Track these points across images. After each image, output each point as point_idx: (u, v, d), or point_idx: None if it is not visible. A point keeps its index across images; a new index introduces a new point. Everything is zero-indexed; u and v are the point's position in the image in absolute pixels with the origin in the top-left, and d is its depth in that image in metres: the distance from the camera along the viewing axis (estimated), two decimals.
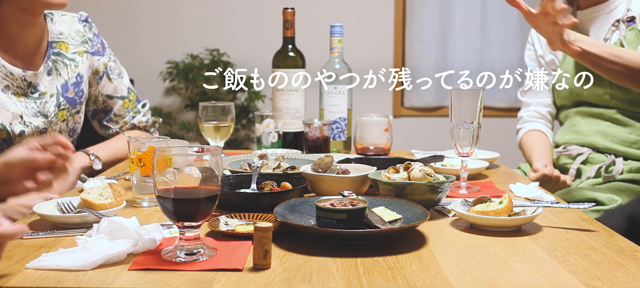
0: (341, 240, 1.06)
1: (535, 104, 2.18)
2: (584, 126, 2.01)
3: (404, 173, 1.31)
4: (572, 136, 2.04)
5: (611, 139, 1.95)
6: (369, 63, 4.33)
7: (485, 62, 4.44)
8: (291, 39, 1.96)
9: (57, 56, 1.74)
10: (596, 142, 1.97)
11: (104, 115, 1.92)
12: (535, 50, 2.18)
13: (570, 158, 2.01)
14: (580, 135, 2.01)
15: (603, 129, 1.96)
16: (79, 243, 1.01)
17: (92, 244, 0.98)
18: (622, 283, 0.90)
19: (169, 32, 4.36)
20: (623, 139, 1.94)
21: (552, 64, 2.13)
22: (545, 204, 1.27)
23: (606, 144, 1.95)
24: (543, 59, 2.15)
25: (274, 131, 1.88)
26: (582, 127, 2.01)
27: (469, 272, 0.94)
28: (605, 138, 1.96)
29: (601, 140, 1.96)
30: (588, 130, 1.99)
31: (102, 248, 0.96)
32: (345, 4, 4.35)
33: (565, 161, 2.02)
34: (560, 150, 2.04)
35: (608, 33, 1.96)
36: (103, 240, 0.99)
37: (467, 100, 1.45)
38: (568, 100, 2.07)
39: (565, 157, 2.03)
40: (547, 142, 2.10)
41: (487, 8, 4.40)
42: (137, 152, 1.33)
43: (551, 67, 2.14)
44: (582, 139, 2.00)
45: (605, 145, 1.95)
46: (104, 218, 1.04)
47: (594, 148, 1.99)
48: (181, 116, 4.31)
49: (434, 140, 3.96)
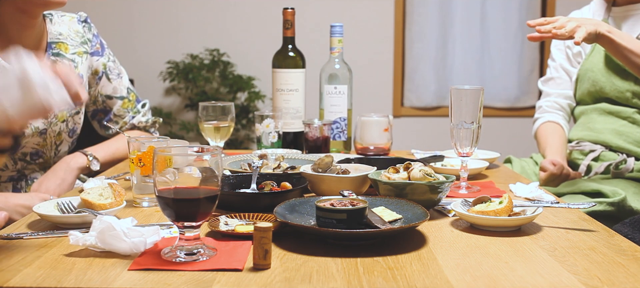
0: (341, 240, 1.06)
1: (555, 94, 2.17)
2: (599, 124, 2.01)
3: (404, 173, 1.31)
4: (586, 133, 2.03)
5: (625, 138, 1.95)
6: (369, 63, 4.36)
7: (485, 62, 4.44)
8: (291, 39, 1.95)
9: (57, 57, 1.74)
10: (609, 140, 1.97)
11: (103, 115, 1.92)
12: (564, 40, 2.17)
13: (582, 154, 2.01)
14: (595, 133, 2.01)
15: (618, 128, 1.96)
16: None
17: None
18: (622, 283, 0.90)
19: (169, 32, 4.36)
20: (637, 139, 1.94)
21: (578, 56, 2.12)
22: (545, 204, 1.27)
23: (619, 143, 1.95)
24: (570, 50, 2.14)
25: (274, 131, 1.88)
26: (597, 124, 2.01)
27: (469, 272, 0.94)
28: (619, 137, 1.96)
29: (615, 138, 1.96)
30: (603, 128, 1.99)
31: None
32: (345, 4, 4.35)
33: (576, 156, 2.03)
34: (573, 145, 2.04)
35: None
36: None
37: (467, 100, 1.45)
38: (589, 96, 2.06)
39: (577, 152, 2.03)
40: (562, 136, 2.09)
41: (487, 8, 4.40)
42: (137, 152, 1.33)
43: (577, 59, 2.13)
44: (596, 136, 2.00)
45: (618, 144, 1.95)
46: (98, 216, 1.04)
47: (606, 146, 1.98)
48: (181, 116, 4.31)
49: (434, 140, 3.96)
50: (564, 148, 2.04)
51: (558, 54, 2.18)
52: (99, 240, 1.00)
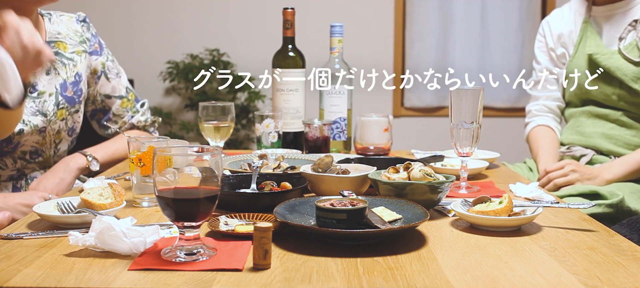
0: (341, 240, 1.06)
1: (544, 97, 2.17)
2: (588, 127, 2.01)
3: (404, 173, 1.31)
4: (577, 137, 2.04)
5: (615, 141, 1.95)
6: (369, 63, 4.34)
7: (485, 62, 4.44)
8: (291, 39, 1.95)
9: (55, 56, 1.74)
10: (600, 144, 1.97)
11: (102, 115, 1.92)
12: (546, 42, 2.17)
13: (574, 159, 2.01)
14: (585, 137, 2.01)
15: (607, 131, 1.96)
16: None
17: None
18: (622, 283, 0.90)
19: (169, 32, 4.36)
20: (627, 141, 1.94)
21: (562, 58, 2.12)
22: (545, 204, 1.27)
23: (610, 147, 1.95)
24: (554, 52, 2.14)
25: (274, 131, 1.88)
26: (586, 128, 2.01)
27: (469, 272, 0.94)
28: (609, 141, 1.96)
29: (605, 143, 1.97)
30: (592, 132, 1.99)
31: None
32: (345, 4, 4.35)
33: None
34: (564, 150, 2.05)
35: (624, 32, 1.95)
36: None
37: (467, 100, 1.45)
38: (576, 98, 2.06)
39: (569, 158, 2.03)
40: (554, 138, 2.09)
41: (487, 8, 4.40)
42: (137, 152, 1.33)
43: (562, 60, 2.13)
44: (586, 140, 2.00)
45: (608, 148, 1.96)
46: (97, 216, 1.04)
47: (597, 150, 1.99)
48: (181, 116, 4.31)
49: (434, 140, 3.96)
50: (556, 151, 2.05)
51: (542, 56, 2.18)
52: (98, 240, 1.00)
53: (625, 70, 1.91)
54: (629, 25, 1.95)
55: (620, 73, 1.91)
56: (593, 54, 1.97)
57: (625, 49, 1.93)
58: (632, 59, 1.91)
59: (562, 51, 2.11)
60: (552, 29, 2.14)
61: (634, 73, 1.90)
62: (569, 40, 2.10)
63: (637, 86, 1.90)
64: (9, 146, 1.67)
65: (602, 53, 1.96)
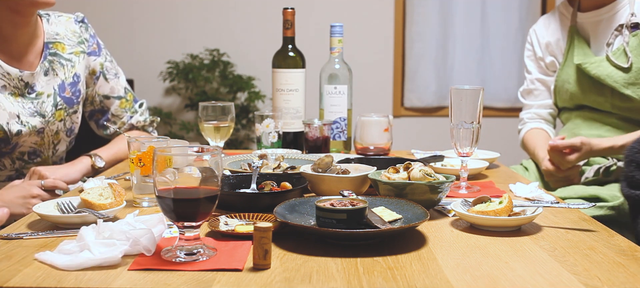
0: (341, 240, 1.06)
1: (536, 106, 2.17)
2: (584, 130, 2.01)
3: (404, 173, 1.31)
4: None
5: None
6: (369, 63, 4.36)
7: (485, 62, 4.44)
8: (291, 39, 1.95)
9: (54, 56, 1.75)
10: None
11: (101, 115, 1.92)
12: (535, 52, 2.17)
13: None
14: None
15: (603, 134, 1.96)
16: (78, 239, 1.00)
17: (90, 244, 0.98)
18: (622, 283, 0.90)
19: (169, 32, 4.36)
20: None
21: (552, 66, 2.12)
22: (545, 204, 1.27)
23: None
24: (543, 61, 2.14)
25: (274, 131, 1.88)
26: (583, 130, 2.01)
27: (469, 272, 0.94)
28: None
29: None
30: (589, 135, 1.99)
31: (99, 251, 0.96)
32: (345, 4, 4.35)
33: None
34: None
35: (611, 38, 1.94)
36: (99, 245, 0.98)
37: (467, 100, 1.45)
38: (570, 102, 2.06)
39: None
40: (549, 138, 2.10)
41: (487, 8, 4.40)
42: (137, 152, 1.33)
43: (551, 69, 2.13)
44: None
45: None
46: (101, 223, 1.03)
47: None
48: (181, 116, 4.31)
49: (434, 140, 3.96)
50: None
51: (532, 65, 2.18)
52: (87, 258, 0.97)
53: (616, 77, 1.90)
54: (615, 30, 1.94)
55: (611, 80, 1.90)
56: (581, 64, 1.96)
57: (613, 55, 1.92)
58: (620, 65, 1.90)
59: (551, 59, 2.11)
60: (540, 38, 2.15)
61: (624, 79, 1.89)
62: (557, 49, 2.10)
63: (629, 92, 1.89)
64: (7, 147, 1.67)
65: (590, 62, 1.95)
